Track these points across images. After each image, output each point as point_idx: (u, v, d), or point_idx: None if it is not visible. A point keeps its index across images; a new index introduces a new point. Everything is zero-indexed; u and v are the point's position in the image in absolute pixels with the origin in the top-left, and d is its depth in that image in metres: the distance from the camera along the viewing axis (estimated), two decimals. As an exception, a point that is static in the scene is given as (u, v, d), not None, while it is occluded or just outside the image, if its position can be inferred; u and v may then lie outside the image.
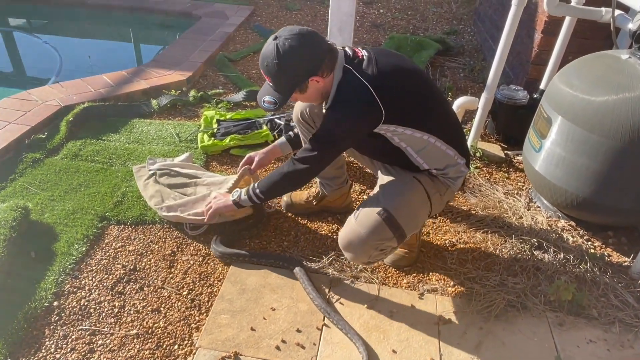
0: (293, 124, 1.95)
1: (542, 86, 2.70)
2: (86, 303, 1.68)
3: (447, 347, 1.58)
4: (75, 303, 1.68)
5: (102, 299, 1.70)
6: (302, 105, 1.82)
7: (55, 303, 1.67)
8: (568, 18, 2.45)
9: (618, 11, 2.09)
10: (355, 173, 2.46)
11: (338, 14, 2.15)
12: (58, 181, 2.26)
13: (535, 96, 2.71)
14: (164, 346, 1.55)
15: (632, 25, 1.92)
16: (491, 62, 2.46)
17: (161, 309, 1.68)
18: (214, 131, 2.68)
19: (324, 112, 1.54)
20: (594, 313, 1.74)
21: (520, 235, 2.07)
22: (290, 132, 2.02)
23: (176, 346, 1.56)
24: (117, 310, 1.67)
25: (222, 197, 1.84)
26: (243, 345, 1.55)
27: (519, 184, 2.47)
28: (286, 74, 1.45)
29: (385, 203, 1.54)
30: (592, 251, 2.02)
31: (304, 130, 1.88)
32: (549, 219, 2.21)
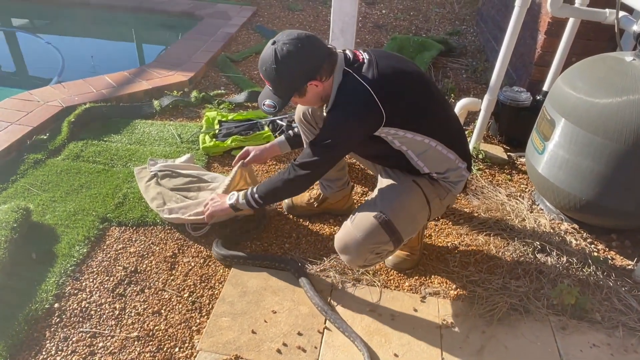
0: (295, 125, 1.94)
1: (546, 88, 2.68)
2: (87, 305, 1.68)
3: (450, 351, 1.57)
4: (76, 305, 1.67)
5: (103, 301, 1.70)
6: (304, 106, 1.81)
7: (56, 305, 1.66)
8: (572, 19, 2.43)
9: (622, 13, 2.08)
10: (356, 175, 2.45)
11: (340, 15, 2.14)
12: (59, 182, 2.26)
13: (538, 98, 2.70)
14: (165, 349, 1.55)
15: (637, 27, 1.91)
16: (494, 63, 2.45)
17: (162, 312, 1.68)
18: (216, 132, 2.68)
19: (325, 116, 1.53)
20: (597, 317, 1.72)
21: (523, 238, 2.06)
22: (289, 131, 2.01)
23: (177, 349, 1.55)
24: (118, 312, 1.66)
25: (219, 199, 1.83)
26: (244, 348, 1.55)
27: (522, 186, 2.46)
28: (284, 79, 1.45)
29: (382, 207, 1.53)
30: (596, 254, 2.01)
31: (306, 131, 1.88)
32: (552, 222, 2.19)
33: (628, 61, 1.86)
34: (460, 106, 2.65)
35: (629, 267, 1.97)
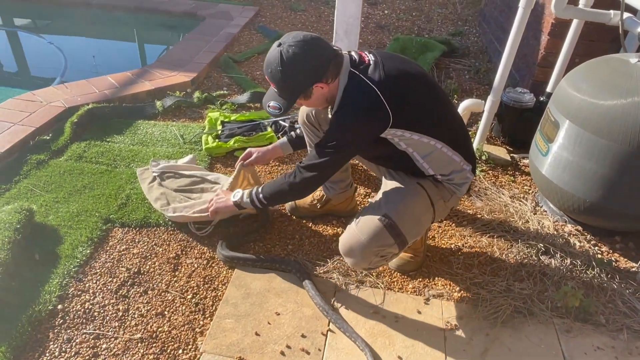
0: (298, 126, 1.94)
1: (549, 89, 2.68)
2: (90, 306, 1.68)
3: (453, 354, 1.57)
4: (79, 306, 1.67)
5: (107, 303, 1.70)
6: (308, 108, 1.81)
7: (59, 306, 1.66)
8: (576, 20, 2.42)
9: (627, 14, 2.07)
10: (359, 176, 2.44)
11: (344, 17, 2.14)
12: (62, 183, 2.26)
13: (541, 99, 2.69)
14: (168, 350, 1.55)
15: (641, 28, 1.90)
16: (497, 64, 2.44)
17: (165, 313, 1.67)
18: (218, 133, 2.67)
19: (330, 118, 1.52)
20: (602, 320, 1.72)
21: (526, 239, 2.06)
22: (292, 133, 2.01)
23: (180, 350, 1.55)
24: (122, 314, 1.66)
25: (224, 196, 1.83)
26: (247, 350, 1.54)
27: (525, 188, 2.45)
28: (290, 81, 1.44)
29: (386, 209, 1.53)
30: (599, 256, 2.01)
31: (310, 133, 1.87)
32: (556, 224, 2.19)
33: (633, 63, 1.85)
34: (463, 107, 2.65)
35: (633, 270, 1.97)
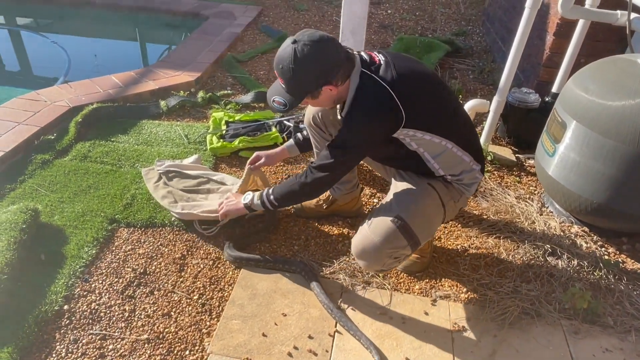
0: (303, 126, 1.93)
1: (555, 89, 2.67)
2: (96, 307, 1.67)
3: (461, 355, 1.56)
4: (85, 307, 1.67)
5: (113, 303, 1.69)
6: (315, 109, 1.80)
7: (65, 307, 1.66)
8: (582, 21, 2.42)
9: (634, 14, 2.06)
10: (364, 176, 2.44)
11: (351, 17, 2.13)
12: (67, 183, 2.25)
13: (547, 99, 2.68)
14: (175, 351, 1.54)
15: (649, 29, 1.89)
16: (501, 64, 2.44)
17: (172, 314, 1.67)
18: (223, 133, 2.67)
19: (343, 117, 1.51)
20: (610, 321, 1.71)
21: (533, 240, 2.05)
22: (298, 135, 2.00)
23: (187, 352, 1.54)
24: (128, 314, 1.66)
25: (234, 198, 1.83)
26: (255, 351, 1.54)
27: (531, 188, 2.44)
28: (300, 80, 1.43)
29: (399, 211, 1.52)
30: (606, 258, 2.00)
31: (315, 134, 1.87)
32: (562, 224, 2.18)
33: (641, 63, 1.84)
34: (468, 107, 2.64)
35: (640, 271, 1.96)
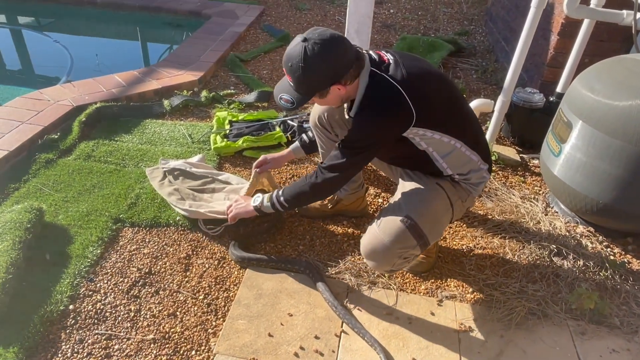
0: (307, 126, 1.93)
1: (559, 89, 2.66)
2: (102, 307, 1.67)
3: (468, 356, 1.55)
4: (90, 307, 1.66)
5: (118, 303, 1.69)
6: (320, 109, 1.80)
7: (71, 306, 1.65)
8: (587, 20, 2.41)
9: (640, 14, 2.06)
10: (369, 176, 2.43)
11: (356, 16, 2.13)
12: (71, 182, 2.25)
13: (551, 99, 2.68)
14: (182, 352, 1.54)
15: (656, 28, 1.89)
16: (504, 64, 2.43)
17: (177, 314, 1.66)
18: (227, 132, 2.66)
19: (353, 117, 1.50)
20: (616, 322, 1.71)
21: (538, 241, 2.04)
22: (304, 136, 1.99)
23: (193, 352, 1.54)
24: (133, 314, 1.65)
25: (243, 201, 1.82)
26: (261, 351, 1.53)
27: (536, 189, 2.44)
28: (310, 79, 1.41)
29: (408, 210, 1.51)
30: (612, 258, 1.99)
31: (321, 135, 1.86)
32: (567, 225, 2.18)
33: (647, 63, 1.84)
34: (473, 107, 2.63)
35: (646, 271, 1.96)
